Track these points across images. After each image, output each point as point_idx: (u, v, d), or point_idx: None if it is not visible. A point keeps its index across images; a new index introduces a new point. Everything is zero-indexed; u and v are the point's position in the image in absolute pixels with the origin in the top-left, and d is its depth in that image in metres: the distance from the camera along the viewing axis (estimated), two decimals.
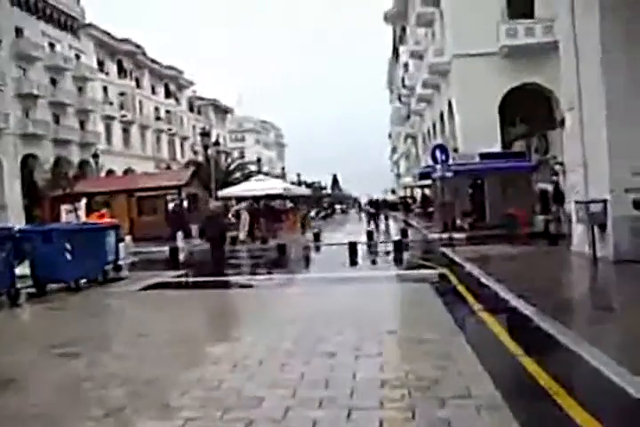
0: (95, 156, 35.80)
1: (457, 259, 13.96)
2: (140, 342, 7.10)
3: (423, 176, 23.37)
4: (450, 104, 33.36)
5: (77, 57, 54.60)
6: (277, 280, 12.86)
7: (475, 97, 29.20)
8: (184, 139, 78.62)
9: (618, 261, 11.38)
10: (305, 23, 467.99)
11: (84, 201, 28.00)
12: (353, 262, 15.30)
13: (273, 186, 29.78)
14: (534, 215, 19.11)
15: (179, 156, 74.78)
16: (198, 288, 12.18)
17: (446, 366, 5.32)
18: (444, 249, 16.61)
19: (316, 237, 22.70)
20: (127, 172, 56.35)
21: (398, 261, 15.20)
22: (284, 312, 8.72)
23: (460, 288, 9.79)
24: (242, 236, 23.51)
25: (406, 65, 59.05)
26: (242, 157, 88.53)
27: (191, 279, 13.59)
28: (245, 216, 23.35)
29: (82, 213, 27.93)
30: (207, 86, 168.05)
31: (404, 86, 57.77)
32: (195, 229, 27.89)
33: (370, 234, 21.67)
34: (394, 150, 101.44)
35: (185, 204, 27.87)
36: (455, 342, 6.15)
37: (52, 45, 50.44)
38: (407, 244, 19.43)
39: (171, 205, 26.95)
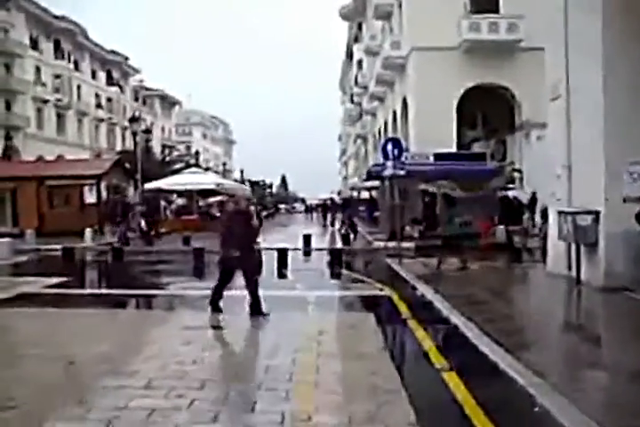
0: (8, 138, 31.88)
1: (407, 277, 11.38)
2: None
3: (371, 176, 20.80)
4: (404, 102, 31.13)
5: (5, 31, 50.02)
6: (178, 296, 9.96)
7: (431, 94, 26.94)
8: (125, 129, 74.23)
9: (608, 288, 9.00)
10: (259, 21, 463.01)
11: None
12: (281, 275, 12.57)
13: (205, 180, 26.77)
14: (497, 225, 16.77)
15: (119, 146, 70.43)
16: (66, 306, 9.10)
17: None
18: (390, 261, 14.04)
19: None
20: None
21: (336, 275, 12.54)
22: (145, 364, 5.69)
23: (414, 326, 7.13)
24: None
25: (360, 62, 56.87)
26: (187, 150, 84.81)
27: (66, 291, 10.43)
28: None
29: None
30: (155, 77, 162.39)
31: (356, 85, 55.64)
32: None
33: (307, 239, 18.94)
34: (343, 153, 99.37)
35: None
36: None
37: None
38: (349, 252, 16.81)
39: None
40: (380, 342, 6.27)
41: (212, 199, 36.89)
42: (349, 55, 66.41)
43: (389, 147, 13.94)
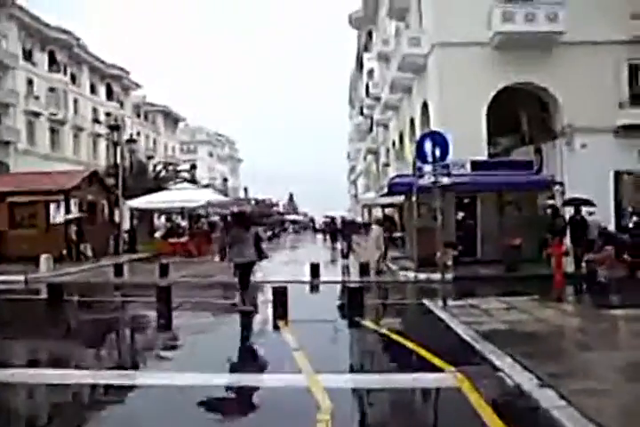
0: None
1: (467, 337, 7.35)
2: None
3: (392, 190, 16.89)
4: (424, 107, 27.36)
5: None
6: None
7: (457, 97, 23.22)
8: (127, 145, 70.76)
9: None
10: (264, 36, 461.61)
11: None
12: (275, 327, 8.56)
13: (195, 197, 22.95)
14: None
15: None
16: None
17: None
18: (431, 305, 10.06)
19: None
20: None
21: (354, 329, 8.58)
22: None
23: None
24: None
25: (371, 73, 53.65)
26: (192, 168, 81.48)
27: None
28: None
29: None
30: (158, 94, 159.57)
31: (367, 96, 52.25)
32: (83, 246, 20.95)
33: (315, 269, 15.00)
34: (352, 170, 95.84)
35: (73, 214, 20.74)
36: None
37: None
38: (368, 287, 12.83)
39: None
40: None
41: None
42: (359, 66, 63.09)
43: (427, 145, 9.99)
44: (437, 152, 9.87)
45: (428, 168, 10.05)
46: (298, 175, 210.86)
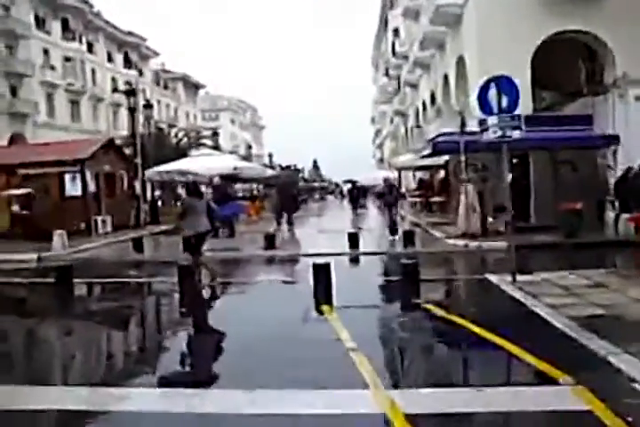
0: None
1: (569, 331, 5.79)
2: None
3: (437, 149, 15.23)
4: (459, 63, 25.37)
5: (6, 9, 45.35)
6: None
7: (498, 49, 21.10)
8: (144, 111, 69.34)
9: None
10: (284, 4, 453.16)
11: None
12: (319, 311, 7.13)
13: (220, 165, 21.50)
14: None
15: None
16: None
17: None
18: (497, 281, 8.58)
19: (270, 241, 14.44)
20: None
21: (410, 311, 7.14)
22: None
23: None
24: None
25: (396, 31, 51.27)
26: (214, 135, 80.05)
27: None
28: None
29: None
30: (177, 62, 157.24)
31: (393, 55, 49.97)
32: (102, 219, 19.74)
33: (353, 239, 13.55)
34: (377, 134, 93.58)
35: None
36: None
37: None
38: (413, 257, 11.24)
39: None
40: None
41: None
42: (384, 25, 60.47)
43: (492, 93, 8.34)
44: (504, 102, 8.22)
45: (492, 120, 8.41)
46: (321, 141, 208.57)
